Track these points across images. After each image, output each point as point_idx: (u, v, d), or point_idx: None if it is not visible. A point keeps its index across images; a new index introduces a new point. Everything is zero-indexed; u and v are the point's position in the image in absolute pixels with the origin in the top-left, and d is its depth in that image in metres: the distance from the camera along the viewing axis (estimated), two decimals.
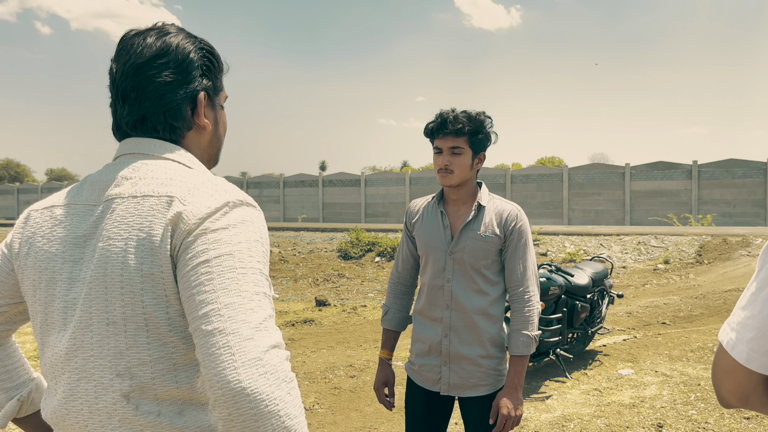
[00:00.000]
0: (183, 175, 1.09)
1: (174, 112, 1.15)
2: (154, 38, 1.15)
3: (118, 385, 1.02)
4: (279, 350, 0.95)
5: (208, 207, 1.03)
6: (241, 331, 0.92)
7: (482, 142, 2.24)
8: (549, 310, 5.16)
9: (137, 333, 1.02)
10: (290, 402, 0.93)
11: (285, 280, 11.30)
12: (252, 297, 0.96)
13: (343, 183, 27.33)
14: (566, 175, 23.11)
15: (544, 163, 49.00)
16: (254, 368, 0.90)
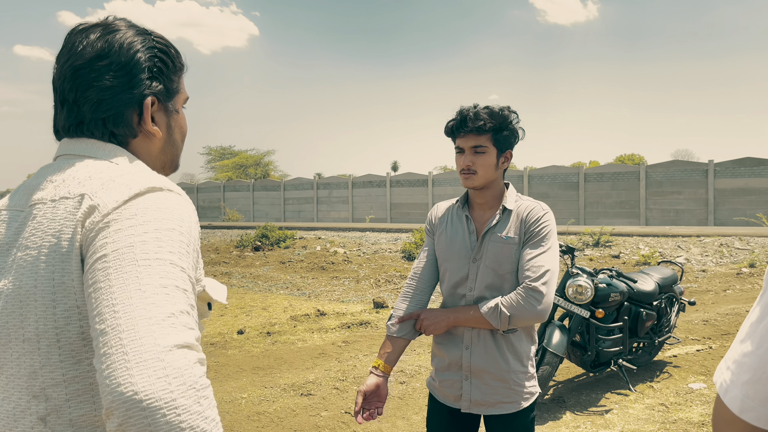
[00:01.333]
0: (107, 171, 0.99)
1: (115, 119, 1.06)
2: (97, 36, 1.06)
3: (35, 408, 0.93)
4: (188, 351, 0.81)
5: (116, 199, 0.93)
6: (138, 327, 0.79)
7: (507, 139, 2.06)
8: (610, 318, 4.84)
9: (50, 350, 0.93)
10: (198, 413, 0.78)
11: (347, 281, 11.29)
12: (156, 290, 0.84)
13: (410, 183, 27.22)
14: (643, 173, 22.04)
15: (624, 160, 47.14)
16: (151, 370, 0.77)
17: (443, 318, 2.05)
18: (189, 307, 0.87)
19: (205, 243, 18.99)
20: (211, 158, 51.43)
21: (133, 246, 0.87)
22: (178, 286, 0.87)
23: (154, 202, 0.94)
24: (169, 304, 0.84)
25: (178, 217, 0.94)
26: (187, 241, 0.93)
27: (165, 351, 0.78)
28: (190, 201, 1.02)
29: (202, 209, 34.65)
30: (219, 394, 4.88)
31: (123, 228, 0.89)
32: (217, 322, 7.67)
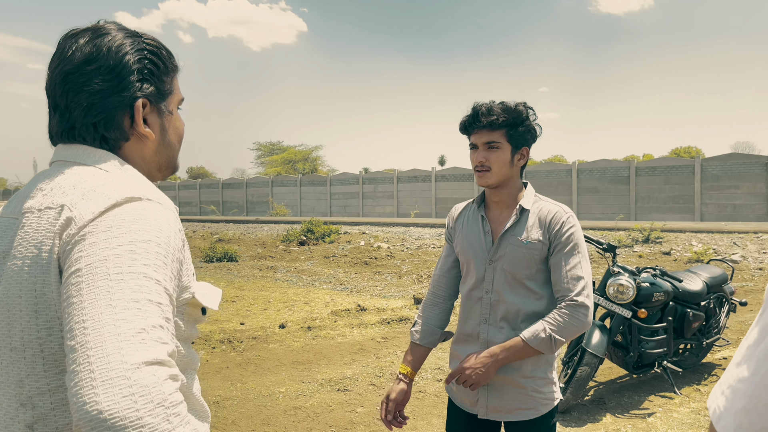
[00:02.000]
0: (91, 180, 1.00)
1: (106, 123, 1.06)
2: (86, 40, 1.06)
3: (23, 416, 0.95)
4: (159, 368, 0.80)
5: (93, 211, 0.93)
6: (105, 344, 0.78)
7: (523, 135, 2.00)
8: (653, 319, 4.69)
9: (34, 360, 0.95)
10: (166, 431, 0.77)
11: (390, 276, 11.31)
12: (127, 305, 0.82)
13: (455, 178, 27.03)
14: (698, 166, 21.26)
15: (679, 153, 45.53)
16: (117, 388, 0.76)
17: (491, 365, 1.94)
18: (163, 320, 0.86)
19: (253, 237, 19.34)
20: (260, 154, 52.29)
21: (107, 260, 0.86)
22: (152, 299, 0.86)
23: (131, 213, 0.93)
24: (140, 319, 0.83)
25: (156, 227, 0.93)
26: (164, 252, 0.92)
27: (132, 368, 0.78)
28: (173, 210, 1.01)
29: (251, 204, 35.27)
30: (257, 388, 4.96)
31: (98, 241, 0.89)
32: (260, 316, 7.81)
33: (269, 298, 9.04)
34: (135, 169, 1.12)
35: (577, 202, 23.76)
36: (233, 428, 4.14)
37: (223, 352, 6.08)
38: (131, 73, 1.07)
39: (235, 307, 8.45)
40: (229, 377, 5.26)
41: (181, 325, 1.06)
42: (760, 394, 0.67)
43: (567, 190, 24.13)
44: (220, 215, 34.01)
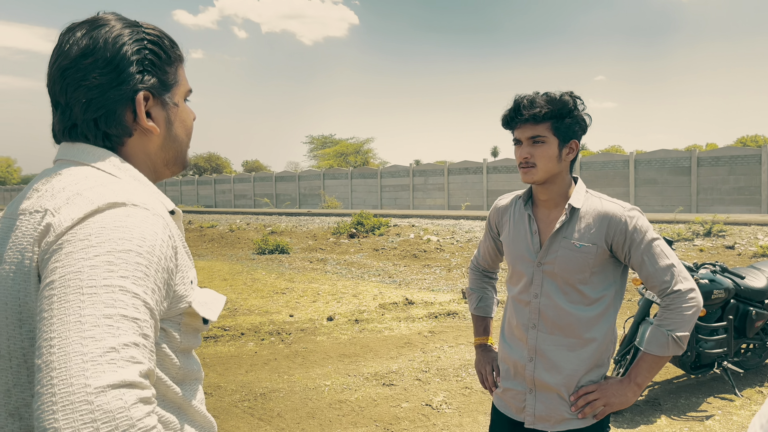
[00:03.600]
0: (82, 183, 0.95)
1: (107, 118, 1.02)
2: (82, 33, 1.02)
3: (11, 426, 0.93)
4: (127, 391, 0.74)
5: (72, 217, 0.88)
6: (69, 365, 0.73)
7: (570, 127, 1.86)
8: (713, 317, 4.47)
9: (19, 370, 0.92)
10: None
11: (439, 269, 11.23)
12: (97, 322, 0.77)
13: (507, 169, 26.61)
14: (765, 156, 20.23)
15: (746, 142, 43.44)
16: (78, 414, 0.71)
17: (631, 395, 1.88)
18: (139, 337, 0.80)
19: (304, 230, 19.56)
20: (313, 147, 52.84)
21: (81, 272, 0.81)
22: (126, 315, 0.80)
23: (112, 220, 0.88)
24: (111, 336, 0.77)
25: (139, 236, 0.88)
26: (146, 262, 0.86)
27: (95, 392, 0.73)
28: (161, 216, 0.96)
29: (303, 196, 35.71)
30: (304, 380, 5.00)
31: (74, 251, 0.84)
32: (309, 308, 7.88)
33: (318, 291, 9.12)
34: (140, 167, 1.08)
35: (634, 194, 23.02)
36: (279, 420, 4.18)
37: (271, 343, 6.16)
38: (130, 64, 1.03)
39: (285, 299, 8.56)
40: (276, 369, 5.32)
41: (177, 336, 1.01)
42: None
43: (624, 181, 23.39)
44: (274, 208, 34.56)
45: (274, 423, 4.14)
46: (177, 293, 0.97)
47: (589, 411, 1.87)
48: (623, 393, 1.86)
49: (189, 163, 1.19)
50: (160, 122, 1.08)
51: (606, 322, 1.89)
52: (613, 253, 1.86)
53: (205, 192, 42.09)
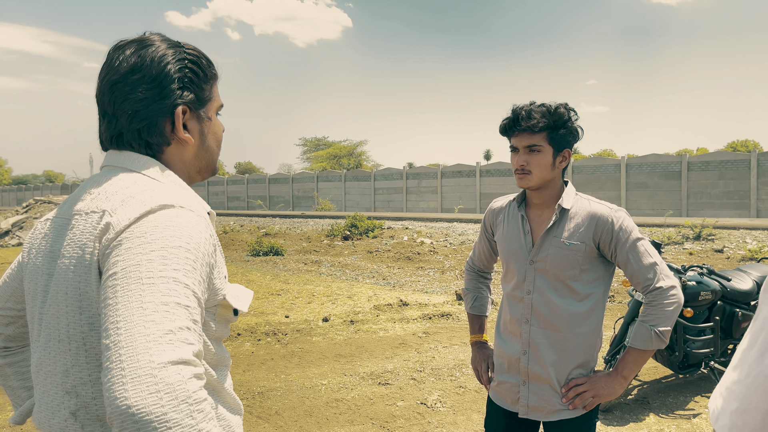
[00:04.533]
0: (132, 187, 1.07)
1: (149, 129, 1.13)
2: (132, 51, 1.14)
3: (67, 403, 1.03)
4: (184, 367, 0.86)
5: (129, 217, 0.99)
6: (135, 344, 0.85)
7: (564, 138, 1.98)
8: (700, 318, 4.59)
9: (78, 352, 1.03)
10: (191, 427, 0.83)
11: (432, 272, 11.33)
12: (157, 308, 0.88)
13: (500, 173, 26.78)
14: (755, 161, 20.48)
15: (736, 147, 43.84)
16: (144, 385, 0.82)
17: (618, 387, 1.98)
18: (190, 322, 0.91)
19: (298, 232, 19.63)
20: (306, 149, 52.90)
21: (140, 265, 0.92)
22: (180, 302, 0.91)
23: (164, 220, 0.99)
24: (168, 321, 0.88)
25: (187, 234, 0.99)
26: (193, 257, 0.98)
27: (159, 367, 0.83)
28: (204, 216, 1.07)
29: (297, 199, 35.74)
30: (300, 380, 5.08)
31: (132, 246, 0.95)
32: (304, 309, 7.95)
33: (313, 292, 9.20)
34: (176, 173, 1.19)
35: (625, 197, 23.22)
36: (277, 418, 4.26)
37: (268, 344, 6.24)
38: (172, 81, 1.14)
39: (281, 300, 8.63)
40: (273, 369, 5.40)
41: (212, 325, 1.12)
42: (751, 396, 0.72)
43: (615, 185, 23.60)
44: (267, 210, 34.58)
45: (272, 421, 4.22)
46: (214, 286, 1.08)
47: (579, 402, 1.97)
48: (611, 385, 1.97)
49: (217, 170, 1.31)
50: (195, 134, 1.20)
51: (595, 317, 2.01)
52: (600, 251, 1.98)
53: (198, 194, 41.83)
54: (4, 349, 1.29)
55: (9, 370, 1.30)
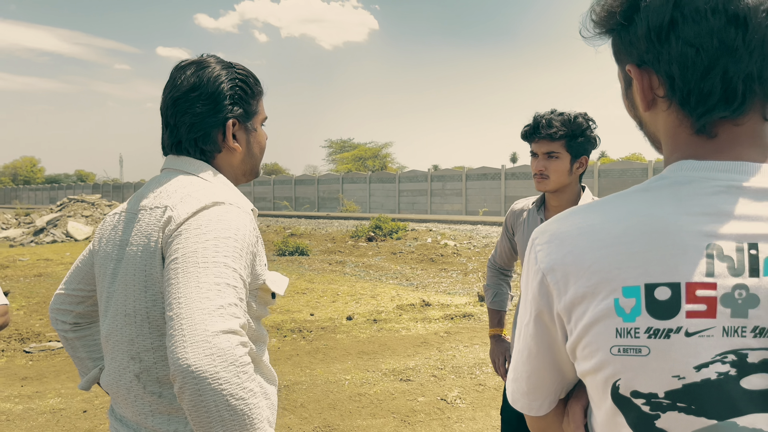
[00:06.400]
0: (189, 186, 1.24)
1: (204, 138, 1.32)
2: (191, 72, 1.32)
3: (132, 367, 1.22)
4: (232, 336, 1.02)
5: (188, 212, 1.17)
6: (193, 316, 1.01)
7: (582, 145, 2.13)
8: None
9: (142, 324, 1.20)
10: (237, 384, 1.00)
11: (455, 273, 11.44)
12: (210, 287, 1.05)
13: (526, 176, 26.73)
14: None
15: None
16: (201, 349, 0.99)
17: None
18: (237, 300, 1.09)
19: (323, 232, 19.87)
20: (332, 151, 53.28)
21: (196, 252, 1.10)
22: (229, 283, 1.08)
23: (216, 215, 1.17)
24: (219, 298, 1.05)
25: (235, 227, 1.16)
26: (240, 246, 1.15)
27: (213, 335, 1.00)
28: (249, 212, 1.25)
29: (322, 200, 36.07)
30: (324, 374, 5.26)
31: (190, 236, 1.13)
32: (329, 307, 8.14)
33: (338, 291, 9.38)
34: (225, 175, 1.37)
35: None
36: (302, 410, 4.44)
37: (293, 340, 6.43)
38: (225, 98, 1.33)
39: (306, 298, 8.83)
40: (299, 364, 5.58)
41: (253, 305, 1.30)
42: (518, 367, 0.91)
43: None
44: (293, 210, 34.97)
45: (297, 412, 4.40)
46: (256, 272, 1.26)
47: None
48: None
49: (260, 174, 1.49)
50: (242, 143, 1.39)
51: None
52: None
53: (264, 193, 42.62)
54: (75, 324, 1.48)
55: (78, 343, 1.49)
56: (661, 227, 0.75)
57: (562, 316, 0.81)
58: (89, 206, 20.85)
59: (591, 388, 0.82)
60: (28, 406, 4.52)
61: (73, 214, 20.16)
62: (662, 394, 0.74)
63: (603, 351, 0.77)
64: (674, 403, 0.74)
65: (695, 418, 0.73)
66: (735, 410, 0.73)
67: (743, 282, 0.73)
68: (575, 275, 0.78)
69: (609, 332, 0.76)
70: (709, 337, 0.73)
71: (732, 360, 0.73)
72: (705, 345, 0.73)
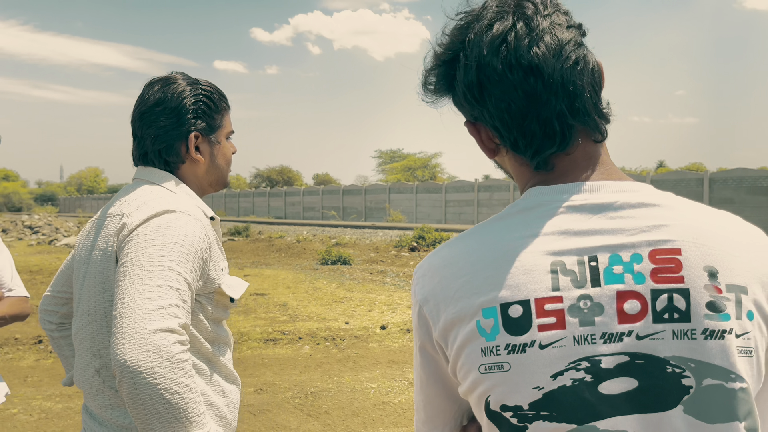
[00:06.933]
0: (148, 195, 1.33)
1: (168, 150, 1.41)
2: (158, 88, 1.42)
3: (94, 363, 1.31)
4: (169, 334, 1.10)
5: (140, 219, 1.26)
6: (134, 315, 1.11)
7: None
8: None
9: (101, 323, 1.29)
10: (172, 379, 1.07)
11: None
12: (153, 289, 1.14)
13: None
14: None
15: None
16: (137, 345, 1.07)
17: None
18: (180, 301, 1.16)
19: (367, 242, 20.00)
20: (381, 161, 53.66)
21: (143, 256, 1.19)
22: (172, 285, 1.16)
23: (166, 222, 1.25)
24: (161, 299, 1.13)
25: (183, 233, 1.25)
26: (187, 251, 1.23)
27: (150, 333, 1.08)
28: (200, 220, 1.32)
29: (369, 210, 36.32)
30: (352, 382, 5.31)
31: (140, 242, 1.22)
32: (364, 316, 8.20)
33: (375, 301, 9.44)
34: (190, 185, 1.46)
35: None
36: (326, 417, 4.50)
37: (326, 348, 6.52)
38: (187, 112, 1.41)
39: (343, 307, 8.93)
40: (328, 371, 5.65)
41: (209, 308, 1.37)
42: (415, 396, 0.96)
43: (698, 200, 22.58)
44: (340, 220, 35.33)
45: (321, 419, 4.46)
46: (210, 276, 1.33)
47: None
48: None
49: (228, 184, 1.56)
50: (206, 154, 1.47)
51: None
52: None
53: (276, 204, 43.52)
54: (60, 324, 1.58)
55: (63, 341, 1.59)
56: (510, 251, 0.82)
57: (440, 342, 0.86)
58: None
59: (472, 407, 0.87)
60: (68, 405, 4.74)
61: None
62: (527, 405, 0.79)
63: (474, 371, 0.82)
64: (538, 413, 0.78)
65: (558, 425, 0.78)
66: (594, 414, 0.77)
67: (587, 292, 0.79)
68: (444, 303, 0.85)
69: (476, 352, 0.81)
70: (562, 347, 0.78)
71: (585, 366, 0.77)
72: (558, 355, 0.78)
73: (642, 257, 0.78)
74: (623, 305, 0.77)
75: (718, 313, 0.77)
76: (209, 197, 41.01)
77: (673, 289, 0.77)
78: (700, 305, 0.77)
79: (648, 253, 0.79)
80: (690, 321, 0.76)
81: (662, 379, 0.76)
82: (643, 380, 0.77)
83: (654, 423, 0.77)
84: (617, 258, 0.79)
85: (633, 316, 0.77)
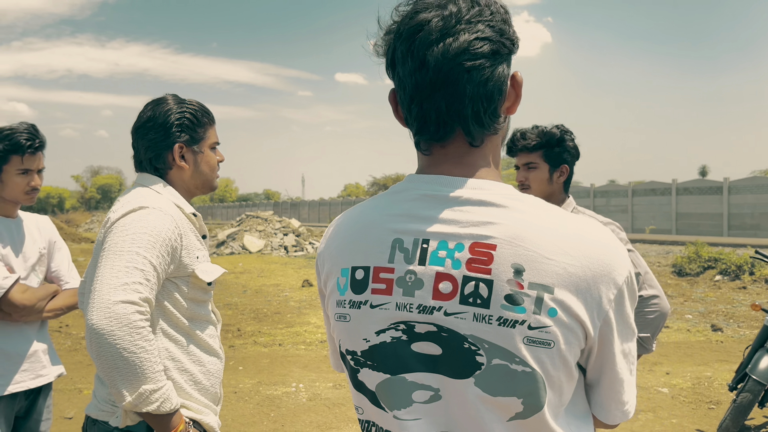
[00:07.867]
0: (135, 195, 1.60)
1: (156, 158, 1.70)
2: (150, 107, 1.72)
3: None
4: (130, 305, 1.37)
5: (120, 214, 1.54)
6: (102, 289, 1.39)
7: (559, 155, 2.20)
8: None
9: None
10: (129, 341, 1.33)
11: None
12: (120, 269, 1.41)
13: (700, 191, 24.39)
14: None
15: None
16: (102, 313, 1.35)
17: None
18: (144, 280, 1.42)
19: None
20: None
21: (117, 243, 1.48)
22: (137, 267, 1.45)
23: (139, 216, 1.53)
24: (126, 277, 1.42)
25: (152, 225, 1.52)
26: (154, 240, 1.50)
27: (113, 303, 1.38)
28: (171, 215, 1.58)
29: None
30: None
31: (117, 232, 1.51)
32: None
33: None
34: (178, 188, 1.72)
35: None
36: None
37: None
38: (172, 126, 1.70)
39: None
40: None
41: (185, 288, 1.64)
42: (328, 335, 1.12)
43: None
44: None
45: None
46: (183, 262, 1.60)
47: None
48: None
49: (215, 188, 1.83)
50: (190, 162, 1.74)
51: None
52: None
53: None
54: None
55: None
56: (368, 224, 0.98)
57: (323, 290, 1.05)
58: (263, 221, 22.98)
59: None
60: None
61: (249, 229, 22.33)
62: (359, 353, 0.96)
63: (332, 317, 1.01)
64: (365, 360, 0.95)
65: (377, 373, 0.95)
66: (405, 367, 0.92)
67: (413, 269, 0.92)
68: (325, 260, 1.04)
69: (333, 303, 1.00)
70: (386, 310, 0.93)
71: (403, 329, 0.92)
72: (383, 315, 0.93)
73: (464, 247, 0.89)
74: (439, 285, 0.89)
75: (514, 306, 0.85)
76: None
77: (480, 279, 0.87)
78: (499, 296, 0.86)
79: (469, 245, 0.88)
80: (489, 308, 0.86)
81: (459, 353, 0.88)
82: (445, 349, 0.89)
83: (450, 387, 0.89)
84: (444, 244, 0.90)
85: (445, 295, 0.89)
